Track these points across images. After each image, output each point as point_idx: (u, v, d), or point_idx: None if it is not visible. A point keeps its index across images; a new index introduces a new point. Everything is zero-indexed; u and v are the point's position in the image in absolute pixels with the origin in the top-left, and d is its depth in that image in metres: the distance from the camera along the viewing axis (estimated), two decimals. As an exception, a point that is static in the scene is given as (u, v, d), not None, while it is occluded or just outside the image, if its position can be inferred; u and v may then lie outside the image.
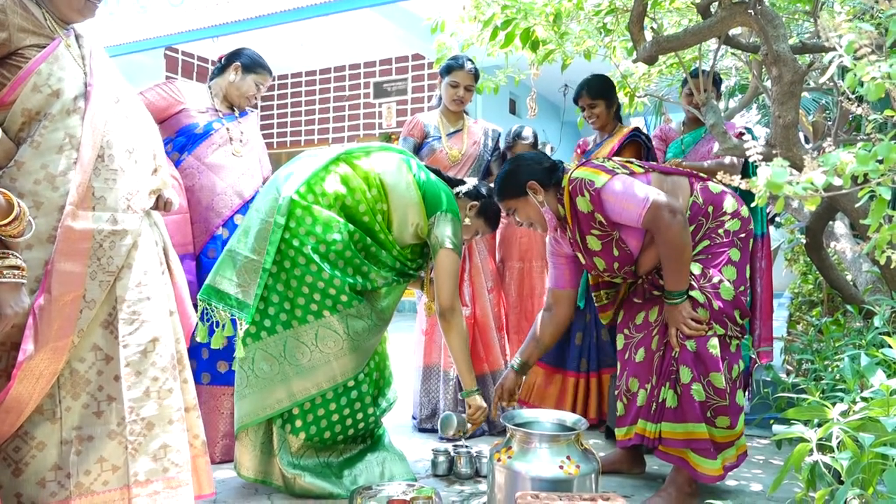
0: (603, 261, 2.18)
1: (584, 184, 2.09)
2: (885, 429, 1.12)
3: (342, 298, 2.09)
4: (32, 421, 1.49)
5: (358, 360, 2.17)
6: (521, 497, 1.56)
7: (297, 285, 2.08)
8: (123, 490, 1.57)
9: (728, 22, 2.15)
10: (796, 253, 5.25)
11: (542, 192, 2.21)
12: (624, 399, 2.22)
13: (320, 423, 2.16)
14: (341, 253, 2.09)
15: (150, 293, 1.68)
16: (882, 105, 1.66)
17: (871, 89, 1.08)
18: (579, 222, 2.14)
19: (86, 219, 1.53)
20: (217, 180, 2.51)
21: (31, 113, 1.51)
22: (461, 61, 3.00)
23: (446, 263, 2.23)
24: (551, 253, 2.43)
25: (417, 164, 2.34)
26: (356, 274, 2.15)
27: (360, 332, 2.14)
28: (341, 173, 2.18)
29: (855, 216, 2.31)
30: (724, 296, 2.04)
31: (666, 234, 2.00)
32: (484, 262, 3.02)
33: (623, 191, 2.04)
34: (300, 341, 2.10)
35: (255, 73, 2.65)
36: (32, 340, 1.43)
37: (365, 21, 7.35)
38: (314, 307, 2.09)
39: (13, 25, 1.50)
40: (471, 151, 3.07)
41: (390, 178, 2.22)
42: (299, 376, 2.10)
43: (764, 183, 1.07)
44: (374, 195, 2.19)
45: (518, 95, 9.04)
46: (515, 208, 2.26)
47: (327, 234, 2.08)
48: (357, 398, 2.22)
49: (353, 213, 2.16)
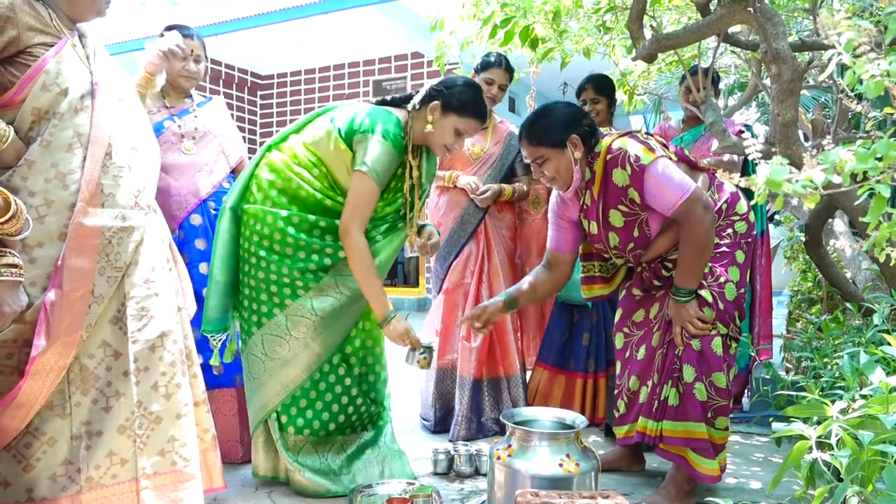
0: (618, 237, 2.10)
1: (627, 157, 1.98)
2: (884, 426, 1.12)
3: (298, 283, 2.12)
4: (42, 417, 1.51)
5: (334, 337, 2.18)
6: (520, 495, 1.56)
7: (256, 284, 2.16)
8: (132, 483, 1.59)
9: (727, 20, 2.15)
10: (796, 251, 5.25)
11: (581, 150, 2.07)
12: (625, 398, 2.22)
13: (306, 414, 2.18)
14: (284, 241, 2.11)
15: (157, 289, 1.70)
16: (881, 103, 1.66)
17: (870, 87, 1.08)
18: (607, 193, 2.04)
19: (96, 215, 1.56)
20: (171, 181, 2.40)
21: (41, 112, 1.53)
22: (499, 59, 2.95)
23: (356, 184, 2.07)
24: (555, 213, 2.29)
25: (354, 108, 2.19)
26: (311, 254, 2.13)
27: (327, 309, 2.13)
28: (269, 162, 2.19)
29: (854, 214, 2.31)
30: (728, 296, 2.03)
31: (696, 229, 1.95)
32: (503, 263, 2.98)
33: (666, 175, 1.96)
34: (274, 335, 2.14)
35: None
36: (45, 335, 1.45)
37: (364, 19, 7.35)
38: (276, 300, 2.14)
39: (22, 24, 1.51)
40: (493, 150, 3.02)
41: (315, 139, 2.17)
42: (285, 367, 2.14)
43: (763, 181, 1.07)
44: (306, 164, 2.14)
45: (517, 93, 9.03)
46: (548, 158, 2.07)
47: (267, 228, 2.12)
48: (337, 381, 2.21)
49: (292, 193, 2.14)
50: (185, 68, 2.46)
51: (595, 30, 2.94)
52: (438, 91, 2.17)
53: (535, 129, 2.07)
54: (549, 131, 2.05)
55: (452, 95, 2.15)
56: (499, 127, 3.09)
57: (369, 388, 2.34)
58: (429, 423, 3.01)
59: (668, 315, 2.10)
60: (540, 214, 3.09)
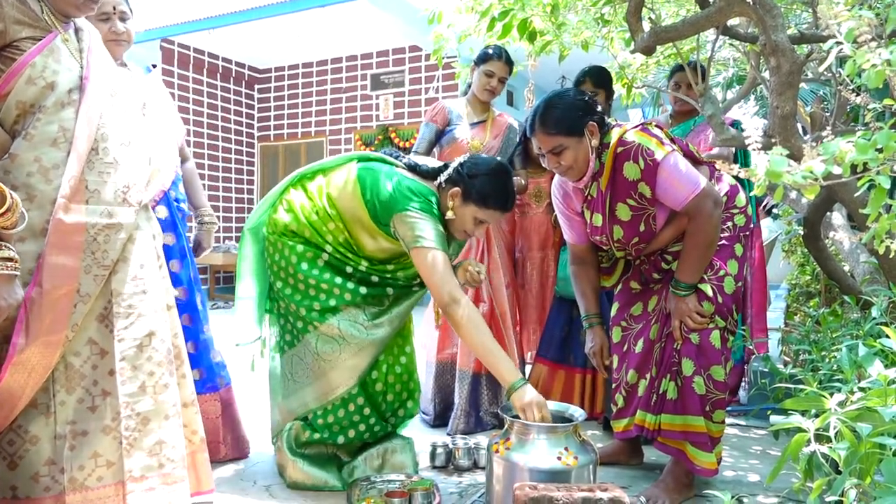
0: (623, 231, 2.07)
1: (641, 150, 1.94)
2: (882, 419, 1.12)
3: (314, 317, 2.13)
4: (26, 415, 1.49)
5: (346, 374, 2.14)
6: (519, 488, 1.56)
7: (285, 309, 2.21)
8: (118, 486, 1.57)
9: (726, 12, 2.14)
10: (794, 244, 5.25)
11: (597, 137, 2.00)
12: (623, 391, 2.22)
13: (343, 423, 2.18)
14: (296, 278, 2.14)
15: (146, 287, 1.67)
16: (881, 94, 1.65)
17: (871, 76, 1.07)
18: (615, 186, 2.00)
19: (78, 212, 1.53)
20: None
21: (26, 105, 1.51)
22: (499, 51, 2.94)
23: (421, 262, 1.98)
24: (563, 209, 2.26)
25: (381, 171, 2.12)
26: (318, 294, 2.12)
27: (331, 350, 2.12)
28: (288, 200, 2.19)
29: (853, 206, 2.30)
30: (728, 289, 2.03)
31: (704, 224, 1.95)
32: (502, 257, 2.97)
33: (678, 169, 1.94)
34: (299, 358, 2.18)
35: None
36: (23, 334, 1.43)
37: (362, 12, 7.32)
38: (300, 324, 2.17)
39: (8, 17, 1.50)
40: (493, 144, 3.01)
41: (337, 193, 2.13)
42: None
43: (763, 172, 1.07)
44: (322, 216, 2.12)
45: (515, 87, 9.01)
46: (566, 147, 1.97)
47: (283, 261, 2.16)
48: (367, 402, 2.22)
49: (305, 239, 2.14)
50: (110, 30, 2.11)
51: (593, 22, 2.93)
52: (461, 177, 2.09)
53: (552, 117, 1.97)
54: (566, 118, 1.97)
55: (473, 187, 2.07)
56: (498, 120, 3.08)
57: (396, 379, 2.33)
58: (428, 417, 3.01)
59: (667, 308, 2.10)
60: (542, 208, 3.08)
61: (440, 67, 3.86)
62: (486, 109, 3.07)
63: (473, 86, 3.01)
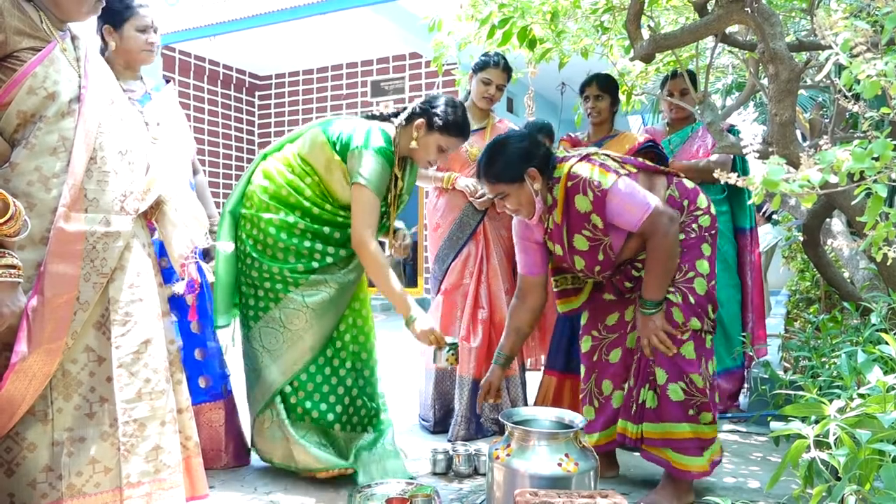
0: (584, 261, 2.12)
1: (588, 184, 2.00)
2: (881, 425, 1.12)
3: (289, 280, 2.23)
4: (24, 422, 1.49)
5: (325, 328, 2.28)
6: (519, 495, 1.56)
7: (252, 282, 2.28)
8: (115, 492, 1.57)
9: (725, 20, 2.15)
10: (794, 250, 5.26)
11: (539, 181, 2.07)
12: (595, 402, 2.22)
13: (305, 404, 2.26)
14: (275, 245, 2.23)
15: (142, 294, 1.68)
16: (878, 102, 1.66)
17: (866, 86, 1.08)
18: (570, 219, 2.06)
19: (78, 220, 1.54)
20: None
21: (27, 115, 1.52)
22: (497, 59, 2.95)
23: (356, 197, 2.17)
24: (521, 237, 2.27)
25: (341, 119, 2.32)
26: (300, 258, 2.24)
27: (318, 301, 2.24)
28: (264, 168, 2.32)
29: (852, 213, 2.31)
30: (699, 290, 2.04)
31: (662, 241, 1.98)
32: (501, 263, 2.97)
33: (627, 193, 1.99)
34: (270, 327, 2.26)
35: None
36: (26, 342, 1.43)
37: (362, 20, 7.34)
38: (270, 294, 2.26)
39: (9, 28, 1.50)
40: None
41: (306, 148, 2.27)
42: (282, 356, 2.24)
43: (761, 180, 1.08)
44: (299, 173, 2.25)
45: (515, 94, 9.02)
46: (508, 194, 2.08)
47: (260, 233, 2.25)
48: (332, 373, 2.32)
49: (283, 199, 2.24)
50: (147, 41, 2.23)
51: (593, 30, 2.94)
52: (423, 110, 2.30)
53: (493, 168, 2.09)
54: (506, 168, 2.07)
55: (436, 115, 2.27)
56: (497, 126, 3.08)
57: (365, 382, 2.41)
58: (428, 424, 3.01)
59: (636, 325, 2.11)
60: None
61: (440, 75, 3.88)
62: (486, 116, 3.08)
63: (472, 93, 3.03)
